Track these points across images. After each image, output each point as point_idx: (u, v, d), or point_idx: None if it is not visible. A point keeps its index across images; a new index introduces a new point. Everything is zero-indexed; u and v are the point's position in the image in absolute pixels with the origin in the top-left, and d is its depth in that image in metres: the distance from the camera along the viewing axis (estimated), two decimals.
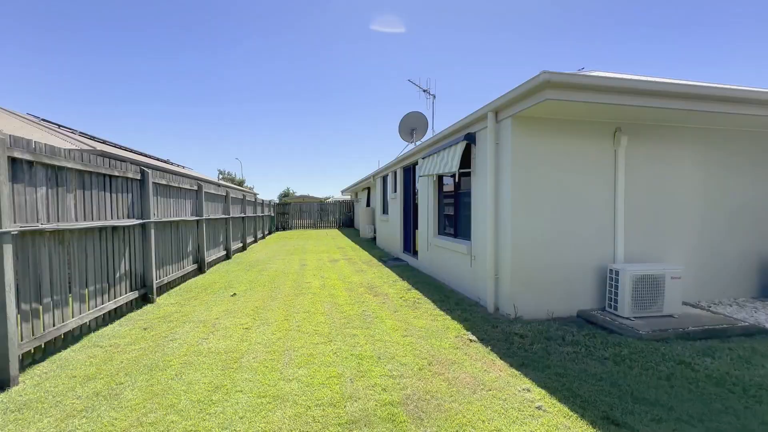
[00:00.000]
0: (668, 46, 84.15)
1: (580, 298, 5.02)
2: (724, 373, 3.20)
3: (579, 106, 4.36)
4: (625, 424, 2.50)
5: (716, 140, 5.50)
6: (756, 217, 5.69)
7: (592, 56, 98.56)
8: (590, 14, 71.59)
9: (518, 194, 4.81)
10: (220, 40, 75.47)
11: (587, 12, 71.91)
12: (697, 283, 5.42)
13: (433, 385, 3.09)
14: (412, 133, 11.66)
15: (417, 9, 77.51)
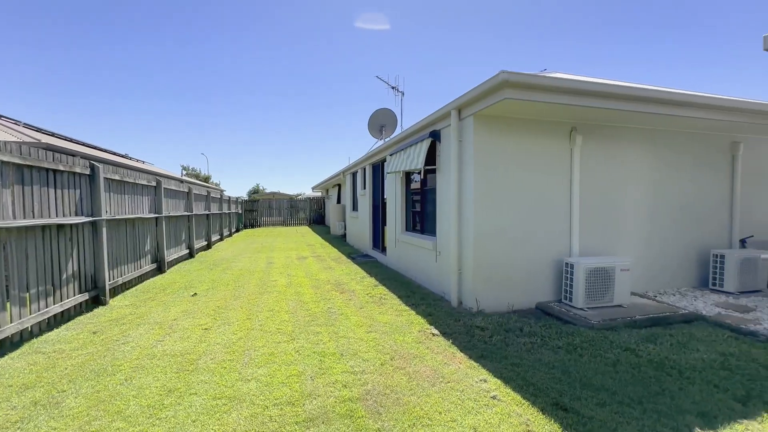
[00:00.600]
0: (681, 46, 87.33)
1: (539, 291, 5.22)
2: (663, 357, 3.43)
3: (537, 106, 4.51)
4: (572, 409, 2.63)
5: (663, 141, 5.86)
6: (697, 214, 6.13)
7: (581, 56, 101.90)
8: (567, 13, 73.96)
9: (480, 191, 4.93)
10: (190, 34, 72.13)
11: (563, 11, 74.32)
12: (645, 274, 5.78)
13: (394, 379, 3.12)
14: (381, 129, 11.67)
15: (397, 7, 77.42)
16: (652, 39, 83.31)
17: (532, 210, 5.15)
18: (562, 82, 4.31)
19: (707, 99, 5.02)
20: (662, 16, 70.29)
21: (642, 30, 78.76)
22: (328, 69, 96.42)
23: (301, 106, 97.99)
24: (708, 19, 69.69)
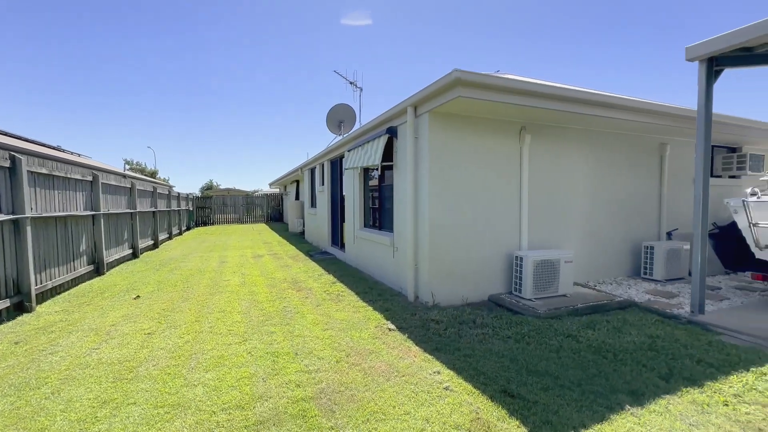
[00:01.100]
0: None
1: (491, 284, 5.43)
2: (601, 342, 3.70)
3: (489, 105, 4.67)
4: (519, 395, 2.76)
5: (601, 142, 6.30)
6: (630, 210, 6.67)
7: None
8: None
9: (435, 187, 5.02)
10: (145, 27, 66.43)
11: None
12: (586, 265, 6.20)
13: (349, 376, 3.10)
14: (339, 125, 11.54)
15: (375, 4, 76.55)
16: (610, 42, 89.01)
17: (484, 206, 5.34)
18: (511, 83, 4.48)
19: (637, 103, 5.46)
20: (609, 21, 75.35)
21: (593, 32, 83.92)
22: (285, 64, 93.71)
23: (259, 100, 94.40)
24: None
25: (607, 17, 74.79)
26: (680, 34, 68.73)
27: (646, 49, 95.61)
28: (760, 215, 4.49)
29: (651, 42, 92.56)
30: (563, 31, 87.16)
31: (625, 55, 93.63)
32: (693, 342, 3.67)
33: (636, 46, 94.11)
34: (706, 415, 2.50)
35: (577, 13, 73.69)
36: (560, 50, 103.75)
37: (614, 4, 73.45)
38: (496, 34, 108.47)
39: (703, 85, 4.43)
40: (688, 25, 75.60)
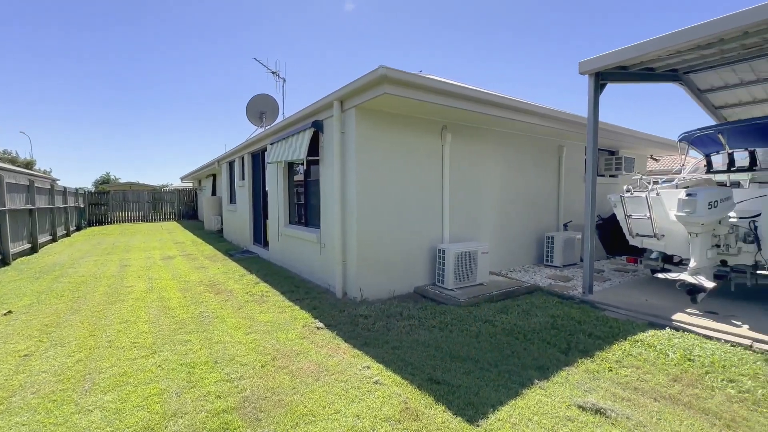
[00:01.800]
0: None
1: (417, 276, 5.64)
2: (513, 324, 4.08)
3: (414, 103, 4.80)
4: (444, 381, 2.91)
5: (512, 142, 6.92)
6: (536, 205, 7.46)
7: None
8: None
9: (362, 183, 5.03)
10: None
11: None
12: (500, 255, 6.79)
13: (276, 380, 2.96)
14: (261, 116, 10.93)
15: None
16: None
17: (410, 201, 5.50)
18: (434, 83, 4.67)
19: (541, 108, 6.11)
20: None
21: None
22: (200, 48, 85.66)
23: (168, 88, 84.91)
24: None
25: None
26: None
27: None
28: (633, 208, 5.36)
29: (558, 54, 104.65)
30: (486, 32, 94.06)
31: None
32: (585, 318, 4.25)
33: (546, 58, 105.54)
34: (596, 380, 2.91)
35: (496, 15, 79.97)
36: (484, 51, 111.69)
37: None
38: (420, 36, 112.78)
39: (591, 96, 5.11)
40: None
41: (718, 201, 4.26)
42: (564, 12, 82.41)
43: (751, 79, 6.59)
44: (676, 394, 2.70)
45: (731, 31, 4.06)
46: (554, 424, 2.37)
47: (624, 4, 62.52)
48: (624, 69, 5.29)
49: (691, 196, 4.25)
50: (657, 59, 5.12)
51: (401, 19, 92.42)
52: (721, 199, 4.30)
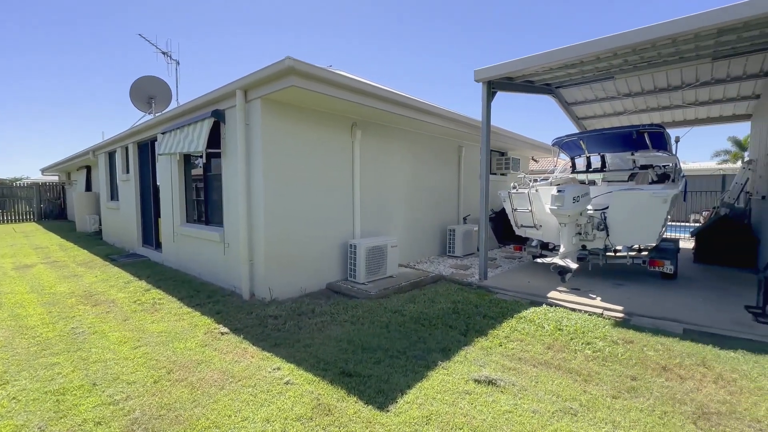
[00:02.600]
0: None
1: (329, 272, 5.63)
2: (420, 312, 4.35)
3: (323, 98, 4.76)
4: (356, 373, 2.97)
5: (419, 141, 7.32)
6: (439, 200, 8.03)
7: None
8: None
9: (270, 178, 4.82)
10: None
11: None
12: (408, 248, 7.16)
13: (173, 395, 2.68)
14: (149, 102, 9.64)
15: None
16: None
17: (320, 197, 5.45)
18: (344, 79, 4.68)
19: (444, 111, 6.60)
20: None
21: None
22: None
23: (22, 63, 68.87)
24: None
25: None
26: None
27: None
28: (518, 203, 6.15)
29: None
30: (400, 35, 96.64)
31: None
32: (481, 302, 4.74)
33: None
34: (490, 355, 3.29)
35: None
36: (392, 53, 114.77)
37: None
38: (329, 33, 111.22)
39: (485, 101, 5.68)
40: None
41: (580, 196, 5.13)
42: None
43: (602, 96, 8.06)
44: (549, 359, 3.20)
45: (588, 56, 4.90)
46: (455, 399, 2.61)
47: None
48: (510, 80, 5.99)
49: (560, 192, 5.03)
50: (535, 74, 5.92)
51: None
52: (582, 195, 5.18)
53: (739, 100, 7.93)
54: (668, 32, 4.19)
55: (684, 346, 3.39)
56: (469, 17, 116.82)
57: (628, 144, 6.55)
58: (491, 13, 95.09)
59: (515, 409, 2.48)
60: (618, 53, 5.02)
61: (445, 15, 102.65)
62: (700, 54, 5.38)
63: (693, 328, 3.85)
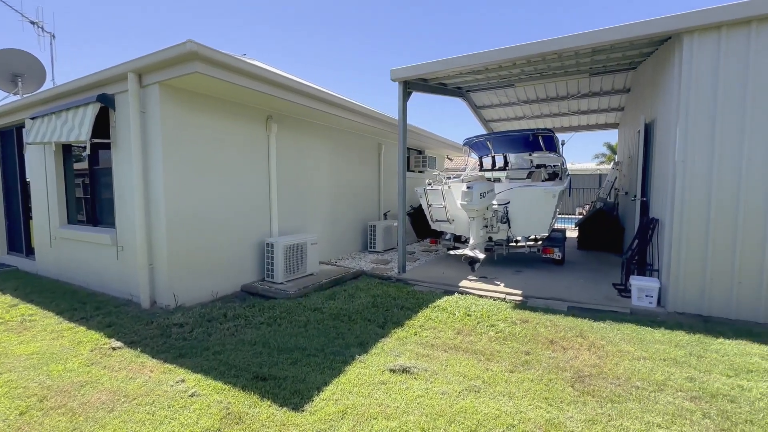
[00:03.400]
0: None
1: (244, 273, 5.32)
2: (339, 309, 4.35)
3: (233, 88, 4.45)
4: (270, 376, 2.86)
5: (340, 138, 7.29)
6: (361, 196, 8.11)
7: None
8: None
9: (173, 172, 4.37)
10: None
11: None
12: (330, 245, 7.10)
13: (45, 427, 2.29)
14: (15, 80, 8.02)
15: None
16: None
17: (233, 193, 5.11)
18: (255, 69, 4.44)
19: (362, 108, 6.66)
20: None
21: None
22: None
23: None
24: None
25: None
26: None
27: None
28: (433, 199, 6.49)
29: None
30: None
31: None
32: (399, 294, 4.91)
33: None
34: (405, 345, 3.42)
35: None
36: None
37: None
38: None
39: (401, 101, 5.87)
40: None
41: (486, 192, 5.60)
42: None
43: (506, 102, 8.89)
44: (459, 343, 3.45)
45: (491, 63, 5.35)
46: (371, 390, 2.67)
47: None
48: (425, 81, 6.28)
49: (469, 189, 5.44)
50: (447, 77, 6.29)
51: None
52: (488, 191, 5.67)
53: (609, 111, 9.40)
54: (554, 48, 4.78)
55: (567, 321, 3.93)
56: (391, 18, 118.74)
57: (526, 145, 7.34)
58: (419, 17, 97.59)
59: (426, 393, 2.63)
60: (516, 63, 5.58)
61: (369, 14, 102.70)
62: (580, 69, 6.25)
63: (575, 305, 4.48)
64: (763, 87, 3.78)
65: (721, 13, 3.83)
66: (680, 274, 4.16)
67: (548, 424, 2.28)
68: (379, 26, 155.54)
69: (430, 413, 2.40)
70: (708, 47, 3.97)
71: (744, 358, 3.07)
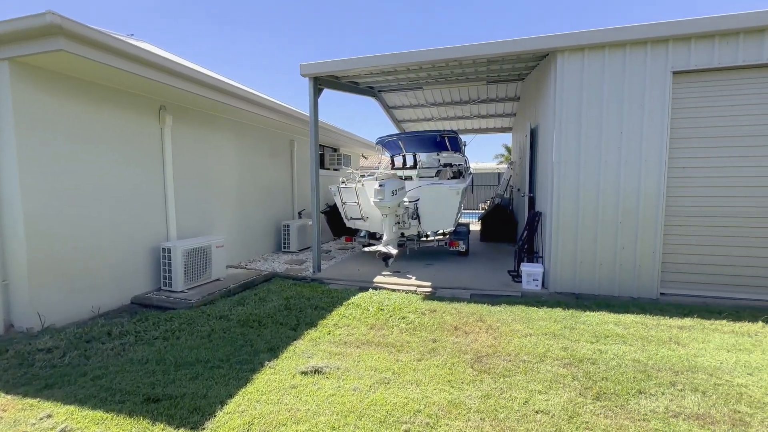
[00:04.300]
0: None
1: (135, 283, 4.70)
2: (248, 314, 4.11)
3: (111, 71, 3.88)
4: (165, 396, 2.57)
5: (250, 133, 6.85)
6: (273, 195, 7.76)
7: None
8: None
9: (32, 167, 3.65)
10: None
11: None
12: (239, 247, 6.66)
13: None
14: None
15: None
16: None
17: (119, 193, 4.47)
18: (136, 51, 3.91)
19: (270, 102, 6.37)
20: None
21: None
22: None
23: None
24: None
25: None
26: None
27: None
28: (347, 197, 6.52)
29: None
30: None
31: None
32: (314, 294, 4.83)
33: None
34: (318, 345, 3.38)
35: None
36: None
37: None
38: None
39: (311, 97, 5.75)
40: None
41: (397, 190, 5.81)
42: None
43: (416, 103, 9.31)
44: (371, 338, 3.53)
45: (400, 65, 5.55)
46: (280, 396, 2.58)
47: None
48: (337, 78, 6.25)
49: (381, 187, 5.58)
50: (358, 76, 6.35)
51: None
52: (399, 189, 5.88)
53: (505, 116, 10.49)
54: (454, 55, 5.14)
55: (470, 308, 4.28)
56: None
57: (434, 145, 7.80)
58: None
59: (338, 391, 2.63)
60: (423, 67, 5.87)
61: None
62: (479, 77, 6.83)
63: (477, 292, 4.91)
64: (613, 100, 4.57)
65: (584, 37, 4.54)
66: (558, 260, 4.85)
67: (450, 405, 2.46)
68: (291, 24, 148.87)
69: (342, 411, 2.41)
70: (575, 65, 4.66)
71: (603, 326, 3.70)
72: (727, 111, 4.38)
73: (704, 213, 4.48)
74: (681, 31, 4.27)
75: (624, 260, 4.65)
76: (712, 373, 2.82)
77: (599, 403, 2.47)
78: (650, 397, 2.53)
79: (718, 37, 4.23)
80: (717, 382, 2.69)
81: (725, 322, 3.76)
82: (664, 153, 4.47)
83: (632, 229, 4.60)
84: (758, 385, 2.66)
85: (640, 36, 4.37)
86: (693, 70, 4.37)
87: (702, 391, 2.58)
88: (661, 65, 4.41)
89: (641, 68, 4.46)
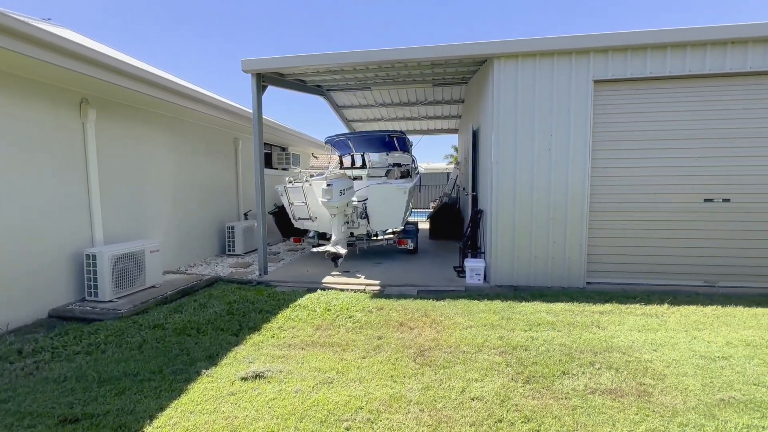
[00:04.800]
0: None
1: (54, 294, 4.26)
2: (186, 322, 3.88)
3: (16, 58, 3.47)
4: (84, 415, 2.36)
5: (187, 131, 6.46)
6: (215, 195, 7.39)
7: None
8: None
9: None
10: None
11: None
12: (177, 251, 6.27)
13: None
14: None
15: None
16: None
17: (28, 195, 4.02)
18: (46, 36, 3.52)
19: (210, 98, 6.07)
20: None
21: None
22: None
23: None
24: None
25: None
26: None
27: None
28: (294, 197, 6.39)
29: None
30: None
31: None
32: (259, 298, 4.67)
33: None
34: (261, 349, 3.28)
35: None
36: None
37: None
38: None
39: (254, 94, 5.56)
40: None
41: (346, 189, 5.80)
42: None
43: (365, 104, 9.34)
44: (317, 339, 3.50)
45: (346, 65, 5.54)
46: (217, 405, 2.47)
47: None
48: (282, 76, 6.10)
49: (329, 186, 5.54)
50: (304, 74, 6.25)
51: None
52: (347, 188, 5.87)
53: (451, 118, 10.86)
54: (399, 57, 5.24)
55: (416, 304, 4.39)
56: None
57: (383, 145, 7.88)
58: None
59: (279, 394, 2.58)
60: (369, 67, 5.91)
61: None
62: (425, 79, 7.01)
63: (423, 288, 5.04)
64: (544, 104, 4.92)
65: (517, 45, 4.84)
66: (498, 254, 5.12)
67: (391, 399, 2.51)
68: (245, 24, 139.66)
69: (282, 414, 2.36)
70: (510, 71, 4.95)
71: (536, 315, 3.97)
72: (636, 117, 4.90)
73: (621, 209, 4.97)
74: (600, 43, 4.71)
75: (555, 254, 5.02)
76: (625, 351, 3.15)
77: (528, 386, 2.65)
78: (572, 377, 2.77)
79: (630, 50, 4.72)
80: (628, 360, 3.00)
81: (638, 306, 4.21)
82: (587, 154, 4.89)
83: (562, 225, 4.98)
84: (661, 359, 3.01)
85: (566, 47, 4.75)
86: (611, 80, 4.84)
87: (615, 369, 2.87)
88: (584, 74, 4.82)
89: (567, 76, 4.84)
